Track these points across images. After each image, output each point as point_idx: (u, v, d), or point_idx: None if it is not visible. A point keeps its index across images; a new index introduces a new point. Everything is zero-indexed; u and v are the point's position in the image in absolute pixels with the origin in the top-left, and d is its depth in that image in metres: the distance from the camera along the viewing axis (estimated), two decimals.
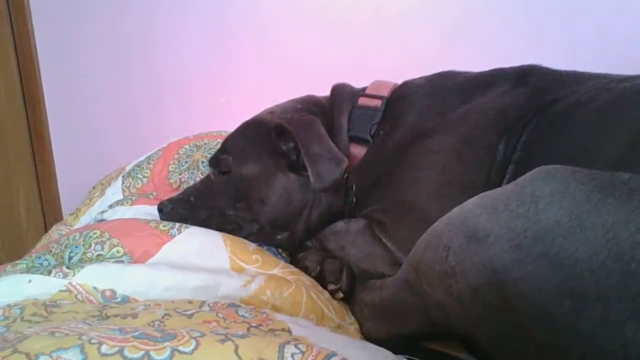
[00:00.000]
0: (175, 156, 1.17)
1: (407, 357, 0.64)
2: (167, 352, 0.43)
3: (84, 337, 0.43)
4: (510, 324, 0.49)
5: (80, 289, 0.65)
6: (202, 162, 1.14)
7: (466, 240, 0.51)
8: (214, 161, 0.94)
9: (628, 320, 0.40)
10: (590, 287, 0.41)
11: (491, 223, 0.49)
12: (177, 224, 0.82)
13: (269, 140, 0.90)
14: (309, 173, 0.83)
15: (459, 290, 0.52)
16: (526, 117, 0.79)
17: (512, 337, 0.50)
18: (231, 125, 1.00)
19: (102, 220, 0.97)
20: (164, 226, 0.81)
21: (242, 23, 1.55)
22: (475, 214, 0.52)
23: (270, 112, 0.98)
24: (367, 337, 0.73)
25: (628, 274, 0.40)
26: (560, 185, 0.46)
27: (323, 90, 1.04)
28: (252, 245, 0.84)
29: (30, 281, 0.66)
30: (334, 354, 0.47)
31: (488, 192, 0.53)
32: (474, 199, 0.55)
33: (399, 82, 0.99)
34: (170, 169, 1.15)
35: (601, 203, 0.43)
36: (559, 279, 0.43)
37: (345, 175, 0.92)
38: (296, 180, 0.88)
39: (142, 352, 0.42)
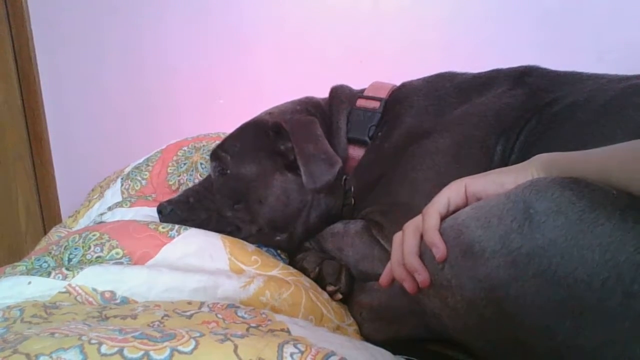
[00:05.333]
0: (174, 158, 1.17)
1: (406, 357, 0.64)
2: (167, 352, 0.43)
3: (83, 338, 0.44)
4: (508, 338, 0.49)
5: (80, 291, 0.65)
6: (201, 163, 1.14)
7: (462, 253, 0.51)
8: (215, 154, 0.93)
9: (633, 339, 0.40)
10: (592, 307, 0.41)
11: (486, 238, 0.49)
12: (177, 226, 0.82)
13: (267, 140, 0.90)
14: (302, 173, 0.83)
15: (456, 303, 0.52)
16: (524, 117, 0.79)
17: (510, 350, 0.50)
18: (230, 127, 1.00)
19: (101, 222, 0.97)
20: (163, 228, 0.81)
21: (241, 25, 1.56)
22: (469, 227, 0.51)
23: (269, 113, 0.98)
24: (367, 338, 0.73)
25: (631, 295, 0.39)
26: (553, 204, 0.45)
27: (322, 92, 1.04)
28: (251, 247, 0.84)
29: (30, 283, 0.66)
30: (333, 354, 0.48)
31: (481, 203, 0.53)
32: (466, 209, 0.54)
33: (398, 83, 1.00)
34: (169, 170, 1.15)
35: (594, 223, 0.42)
36: (558, 298, 0.43)
37: (344, 177, 0.92)
38: (294, 180, 0.88)
39: (142, 352, 0.43)
